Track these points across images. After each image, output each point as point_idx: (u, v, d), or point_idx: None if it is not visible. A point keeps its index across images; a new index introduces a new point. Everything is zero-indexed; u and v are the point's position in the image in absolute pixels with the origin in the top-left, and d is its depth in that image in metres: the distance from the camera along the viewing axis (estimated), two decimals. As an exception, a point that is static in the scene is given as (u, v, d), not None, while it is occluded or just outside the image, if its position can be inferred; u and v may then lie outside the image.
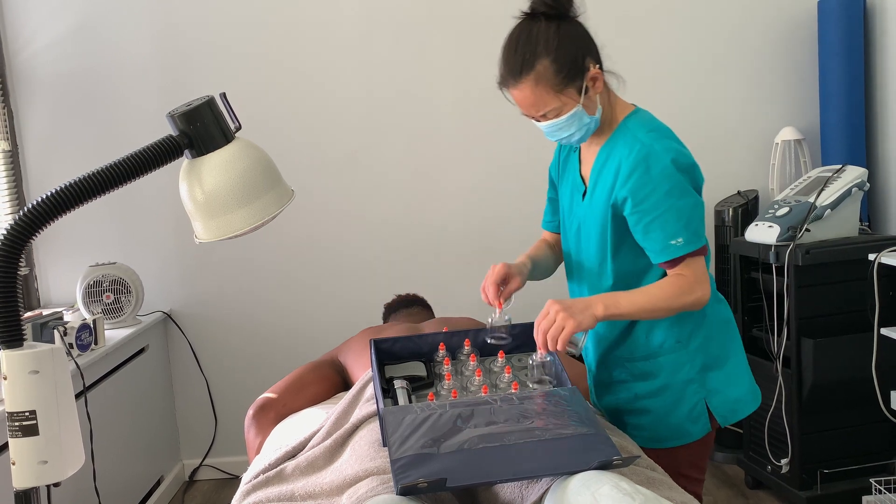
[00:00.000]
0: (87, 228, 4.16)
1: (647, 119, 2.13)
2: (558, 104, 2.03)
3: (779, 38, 4.16)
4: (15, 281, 1.38)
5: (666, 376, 2.20)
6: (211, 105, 1.56)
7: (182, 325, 4.25)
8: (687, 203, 2.03)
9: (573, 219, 2.28)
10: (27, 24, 4.04)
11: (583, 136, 2.11)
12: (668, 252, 2.03)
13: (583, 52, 2.03)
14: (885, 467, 3.44)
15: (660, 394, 2.21)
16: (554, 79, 2.00)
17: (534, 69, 2.00)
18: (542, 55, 1.99)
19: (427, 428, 1.87)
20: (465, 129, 4.18)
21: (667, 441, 2.23)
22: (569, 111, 2.04)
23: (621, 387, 2.28)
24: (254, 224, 1.56)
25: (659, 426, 2.23)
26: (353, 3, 4.09)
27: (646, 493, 1.68)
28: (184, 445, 4.36)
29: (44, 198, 1.39)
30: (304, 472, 2.20)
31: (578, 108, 2.04)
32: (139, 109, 4.10)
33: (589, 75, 2.03)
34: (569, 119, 2.05)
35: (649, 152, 2.02)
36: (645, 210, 2.04)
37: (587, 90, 2.04)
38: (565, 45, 2.00)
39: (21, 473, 1.39)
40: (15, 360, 1.38)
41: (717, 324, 2.23)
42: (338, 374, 3.01)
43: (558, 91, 2.01)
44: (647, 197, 2.02)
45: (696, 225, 2.04)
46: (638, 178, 2.03)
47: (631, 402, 2.27)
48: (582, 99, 2.04)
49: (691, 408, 2.19)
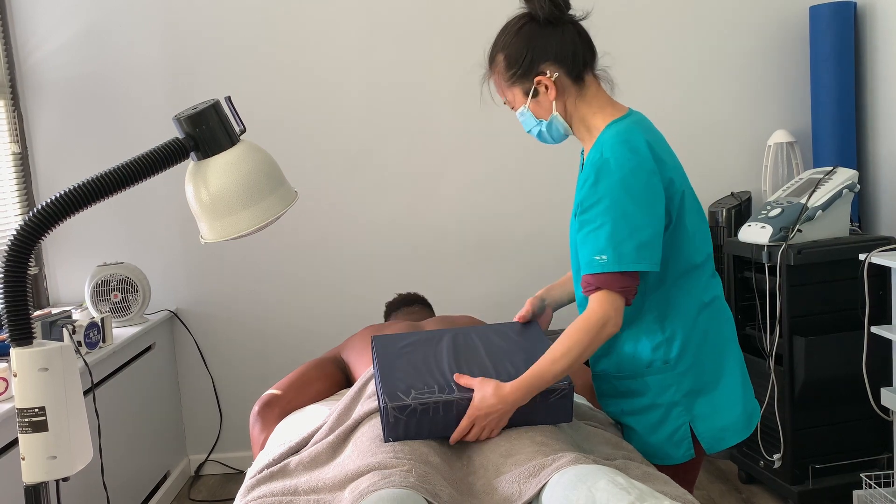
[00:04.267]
0: (95, 229, 4.20)
1: (623, 128, 2.06)
2: (510, 98, 2.15)
3: (771, 43, 4.19)
4: (25, 280, 1.38)
5: (651, 396, 2.14)
6: (216, 108, 1.56)
7: (188, 323, 4.28)
8: (626, 223, 1.95)
9: None
10: (37, 29, 4.07)
11: (539, 134, 2.18)
12: (591, 266, 1.98)
13: (540, 58, 2.06)
14: (874, 462, 3.46)
15: (643, 413, 2.17)
16: (504, 74, 2.11)
17: (494, 61, 2.14)
18: (500, 50, 2.12)
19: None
20: (467, 131, 4.21)
21: (651, 459, 2.17)
22: (519, 107, 2.14)
23: (609, 401, 2.27)
24: (258, 225, 1.56)
25: (641, 444, 2.19)
26: (356, 9, 4.12)
27: (641, 488, 1.70)
28: (190, 441, 4.39)
29: (53, 199, 1.39)
30: (308, 467, 2.21)
31: (525, 108, 2.12)
32: (146, 113, 4.13)
33: (539, 80, 2.06)
34: (521, 115, 2.15)
35: (603, 165, 1.99)
36: (584, 220, 2.01)
37: (536, 93, 2.09)
38: (519, 46, 2.07)
39: (31, 468, 1.40)
40: (25, 357, 1.39)
41: (713, 345, 2.15)
42: (341, 372, 3.03)
43: (507, 86, 2.13)
44: (590, 208, 1.99)
45: (627, 247, 1.95)
46: (588, 188, 2.00)
47: (618, 416, 2.26)
48: (528, 101, 2.10)
49: (673, 431, 2.14)
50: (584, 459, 1.91)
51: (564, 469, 1.85)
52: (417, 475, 1.90)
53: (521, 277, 4.29)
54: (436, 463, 2.02)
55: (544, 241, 4.27)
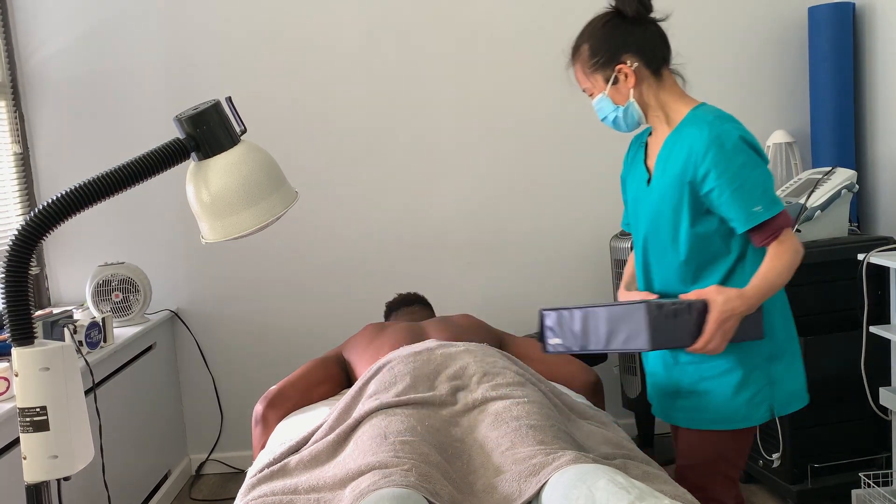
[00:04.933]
0: (96, 229, 4.20)
1: (712, 108, 2.26)
2: (590, 84, 2.32)
3: (770, 43, 4.19)
4: (26, 280, 1.38)
5: (735, 359, 2.24)
6: (217, 109, 1.56)
7: (189, 323, 4.29)
8: (760, 174, 2.16)
9: (644, 205, 2.36)
10: (38, 30, 4.08)
11: (614, 120, 2.32)
12: (751, 220, 2.14)
13: (622, 48, 2.24)
14: (873, 461, 3.46)
15: (725, 376, 2.26)
16: (587, 62, 2.29)
17: (578, 51, 2.32)
18: (586, 40, 2.30)
19: None
20: (466, 133, 4.21)
21: (724, 423, 2.28)
22: (597, 94, 2.30)
23: (687, 367, 2.31)
24: (259, 225, 1.57)
25: (720, 408, 2.27)
26: (355, 12, 4.13)
27: (641, 487, 1.72)
28: (190, 440, 4.39)
29: (54, 199, 1.39)
30: (308, 467, 2.23)
31: (603, 95, 2.29)
32: (147, 113, 4.14)
33: (620, 68, 2.24)
34: (598, 102, 2.31)
35: (720, 132, 2.16)
36: (724, 183, 2.14)
37: (616, 80, 2.26)
38: (604, 37, 2.26)
39: (32, 467, 1.40)
40: (26, 357, 1.39)
41: (785, 313, 2.33)
42: (342, 371, 3.05)
43: (590, 73, 2.30)
44: (725, 171, 2.14)
45: (771, 193, 2.16)
46: (714, 155, 2.15)
47: (695, 383, 2.30)
48: (608, 88, 2.27)
49: (754, 393, 2.26)
50: (583, 459, 1.92)
51: (564, 468, 1.86)
52: (418, 474, 1.91)
53: (520, 277, 4.30)
54: (436, 462, 2.03)
55: (544, 241, 4.28)
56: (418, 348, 2.61)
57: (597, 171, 4.22)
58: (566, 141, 4.22)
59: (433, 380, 2.45)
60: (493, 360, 2.54)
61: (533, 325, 4.23)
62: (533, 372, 2.60)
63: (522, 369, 2.57)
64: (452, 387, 2.41)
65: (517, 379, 2.43)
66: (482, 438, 2.18)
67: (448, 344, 2.64)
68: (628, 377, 4.05)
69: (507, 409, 2.24)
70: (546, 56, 4.13)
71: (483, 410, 2.29)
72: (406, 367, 2.49)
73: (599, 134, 4.18)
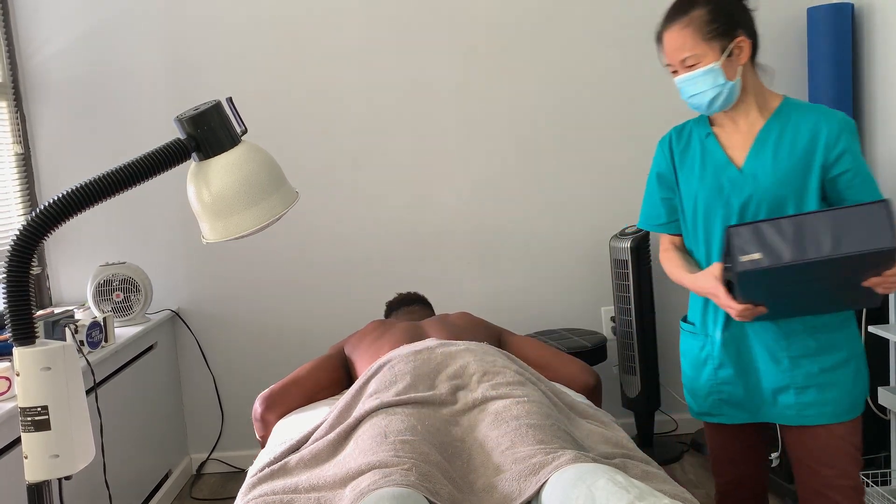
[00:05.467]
0: (97, 229, 4.22)
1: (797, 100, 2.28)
2: (699, 52, 2.17)
3: (769, 44, 4.14)
4: (28, 280, 1.37)
5: (849, 348, 2.28)
6: (218, 109, 1.55)
7: (190, 322, 4.30)
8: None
9: (737, 191, 2.27)
10: (40, 30, 4.09)
11: (713, 98, 2.21)
12: (877, 197, 2.16)
13: (739, 21, 2.19)
14: (872, 461, 3.46)
15: (843, 366, 2.27)
16: (704, 27, 2.17)
17: (688, 14, 2.19)
18: (701, 5, 2.19)
19: None
20: (467, 132, 4.23)
21: (852, 412, 2.28)
22: (707, 64, 2.17)
23: (802, 361, 2.28)
24: (259, 225, 1.56)
25: (846, 397, 2.27)
26: (356, 11, 4.14)
27: (640, 486, 1.72)
28: (191, 440, 4.41)
29: (55, 199, 1.38)
30: (308, 466, 2.23)
31: (716, 65, 2.17)
32: (148, 113, 4.15)
33: (737, 41, 2.18)
34: (705, 73, 2.18)
35: (845, 117, 2.20)
36: (858, 167, 2.19)
37: (731, 54, 2.18)
38: (724, 6, 2.19)
39: (33, 467, 1.39)
40: (28, 356, 1.38)
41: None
42: (343, 371, 3.05)
43: (703, 40, 2.17)
44: (857, 155, 2.19)
45: None
46: (848, 138, 2.18)
47: (814, 376, 2.27)
48: (723, 58, 2.17)
49: (866, 380, 2.30)
50: (583, 458, 1.92)
51: (564, 468, 1.87)
52: (418, 474, 1.91)
53: (520, 277, 4.30)
54: (436, 461, 2.03)
55: (544, 241, 4.28)
56: (418, 347, 2.61)
57: (597, 172, 4.23)
58: (566, 141, 4.23)
59: (433, 379, 2.45)
60: (493, 359, 2.54)
61: (533, 325, 4.24)
62: (533, 371, 2.61)
63: (522, 368, 2.57)
64: (452, 386, 2.41)
65: (517, 378, 2.43)
66: (482, 438, 2.18)
67: (448, 343, 2.64)
68: (628, 377, 4.06)
69: (507, 408, 2.24)
70: (547, 56, 4.14)
71: (483, 410, 2.29)
72: (406, 366, 2.49)
73: (600, 134, 4.20)
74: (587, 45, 4.13)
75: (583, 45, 4.13)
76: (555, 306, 4.32)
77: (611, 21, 4.12)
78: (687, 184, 2.38)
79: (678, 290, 4.29)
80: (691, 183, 2.36)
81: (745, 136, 2.29)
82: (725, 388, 2.40)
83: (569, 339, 3.99)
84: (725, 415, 2.42)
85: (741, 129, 2.30)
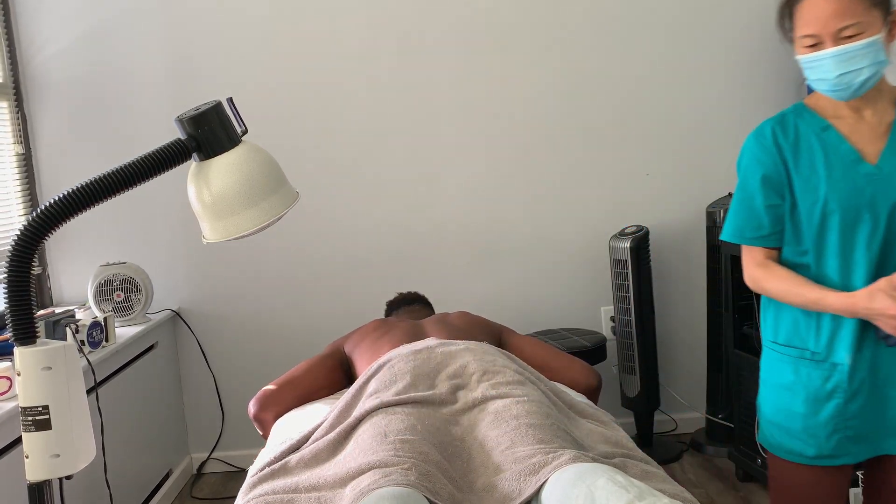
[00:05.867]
0: (98, 229, 4.22)
1: None
2: (864, 20, 1.88)
3: (769, 43, 4.17)
4: (28, 280, 1.37)
5: None
6: (218, 110, 1.55)
7: (190, 322, 4.30)
8: None
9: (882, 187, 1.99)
10: (40, 31, 4.09)
11: (868, 78, 1.92)
12: None
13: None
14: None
15: None
16: None
17: None
18: None
19: None
20: (467, 132, 4.22)
21: None
22: (870, 36, 1.88)
23: None
24: (260, 225, 1.56)
25: None
26: (356, 12, 4.14)
27: (640, 486, 1.71)
28: (192, 439, 4.41)
29: (56, 199, 1.38)
30: (308, 465, 2.23)
31: (879, 37, 1.90)
32: (149, 114, 4.15)
33: (893, 17, 1.94)
34: (867, 46, 1.89)
35: None
36: None
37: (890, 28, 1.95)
38: None
39: (34, 466, 1.39)
40: (28, 356, 1.38)
41: None
42: (340, 371, 3.04)
43: (868, 6, 1.88)
44: None
45: None
46: None
47: None
48: (885, 31, 1.92)
49: None
50: (583, 458, 1.92)
51: (564, 467, 1.86)
52: (418, 473, 1.91)
53: (520, 278, 4.30)
54: (436, 461, 2.03)
55: (543, 241, 4.28)
56: (418, 347, 2.61)
57: (597, 172, 4.23)
58: (566, 141, 4.23)
59: (433, 378, 2.45)
60: (493, 358, 2.54)
61: (533, 325, 4.24)
62: (532, 370, 2.60)
63: (522, 368, 2.57)
64: (452, 385, 2.41)
65: (517, 377, 2.43)
66: (482, 437, 2.18)
67: (448, 342, 2.64)
68: (627, 376, 4.06)
69: (507, 407, 2.24)
70: (547, 57, 4.14)
71: (483, 409, 2.29)
72: (406, 365, 2.49)
73: (600, 134, 4.20)
74: (587, 45, 4.13)
75: (582, 46, 4.13)
76: (555, 306, 4.32)
77: (611, 21, 4.12)
78: (807, 187, 2.05)
79: (678, 290, 4.30)
80: (815, 186, 2.03)
81: (874, 129, 2.02)
82: (853, 423, 2.07)
83: (569, 338, 3.99)
84: (851, 454, 2.10)
85: (867, 121, 2.03)
